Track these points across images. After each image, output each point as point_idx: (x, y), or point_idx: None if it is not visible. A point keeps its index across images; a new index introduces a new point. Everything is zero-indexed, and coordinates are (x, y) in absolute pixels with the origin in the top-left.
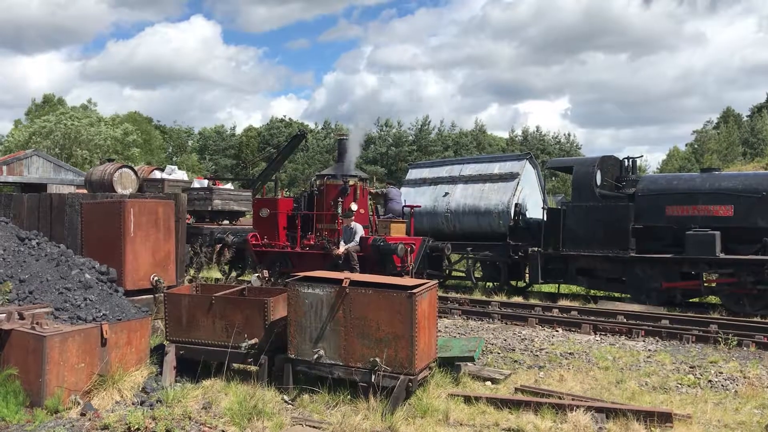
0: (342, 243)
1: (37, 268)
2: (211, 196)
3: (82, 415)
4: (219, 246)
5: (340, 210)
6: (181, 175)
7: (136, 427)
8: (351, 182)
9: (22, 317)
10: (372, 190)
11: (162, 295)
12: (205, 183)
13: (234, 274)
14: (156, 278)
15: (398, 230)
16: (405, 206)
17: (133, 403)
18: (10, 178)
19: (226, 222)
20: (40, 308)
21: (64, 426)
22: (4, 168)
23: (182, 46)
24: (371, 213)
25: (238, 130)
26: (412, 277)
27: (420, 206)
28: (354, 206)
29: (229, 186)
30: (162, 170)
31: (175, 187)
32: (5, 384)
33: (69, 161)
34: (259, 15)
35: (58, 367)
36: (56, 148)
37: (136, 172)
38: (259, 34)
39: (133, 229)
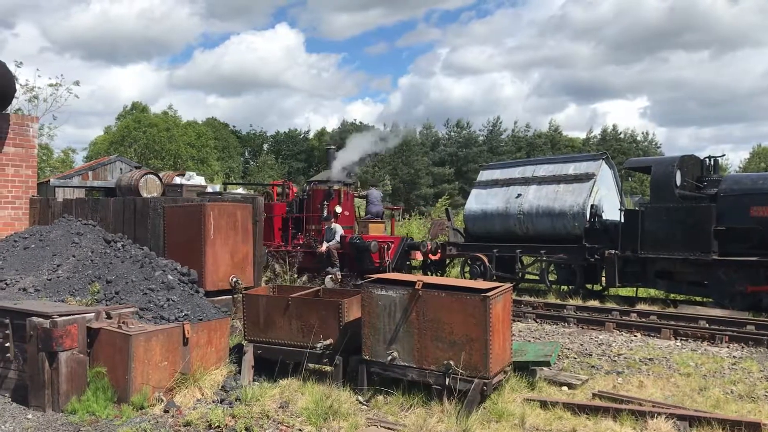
0: (324, 242)
1: (122, 270)
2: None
3: (166, 411)
4: None
5: (325, 212)
6: (198, 180)
7: (217, 424)
8: (336, 187)
9: (109, 316)
10: (356, 194)
11: (240, 295)
12: (217, 188)
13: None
14: (234, 279)
15: (377, 230)
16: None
17: (213, 401)
18: (96, 183)
19: None
20: (125, 308)
21: (149, 422)
22: (90, 173)
23: (267, 54)
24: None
25: (314, 135)
26: (390, 272)
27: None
28: (338, 209)
29: (240, 190)
30: (182, 176)
31: (192, 192)
32: (95, 380)
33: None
34: (342, 22)
35: (143, 365)
36: (136, 157)
37: (160, 178)
38: (340, 40)
39: (212, 232)
